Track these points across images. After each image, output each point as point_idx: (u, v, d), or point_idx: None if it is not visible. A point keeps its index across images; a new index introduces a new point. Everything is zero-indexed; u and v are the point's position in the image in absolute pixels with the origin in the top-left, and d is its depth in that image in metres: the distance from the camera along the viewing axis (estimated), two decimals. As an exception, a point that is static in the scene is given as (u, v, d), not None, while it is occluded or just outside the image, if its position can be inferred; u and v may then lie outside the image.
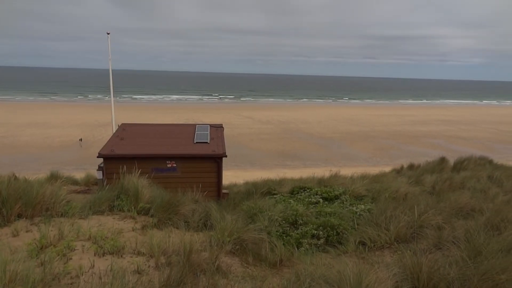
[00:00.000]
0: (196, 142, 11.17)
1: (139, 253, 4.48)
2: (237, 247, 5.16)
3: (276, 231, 6.20)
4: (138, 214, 6.06)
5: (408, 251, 4.46)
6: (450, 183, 9.81)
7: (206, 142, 11.15)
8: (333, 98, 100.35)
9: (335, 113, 58.30)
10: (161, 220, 5.85)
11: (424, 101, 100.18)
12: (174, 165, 10.45)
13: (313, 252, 5.59)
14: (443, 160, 14.95)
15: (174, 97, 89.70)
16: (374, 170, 17.12)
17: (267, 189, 10.05)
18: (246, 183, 13.34)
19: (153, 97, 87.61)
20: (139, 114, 47.08)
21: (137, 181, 6.58)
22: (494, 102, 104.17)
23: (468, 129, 43.89)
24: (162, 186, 7.27)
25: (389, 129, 41.65)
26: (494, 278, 2.83)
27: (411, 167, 15.72)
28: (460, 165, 13.83)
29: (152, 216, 6.01)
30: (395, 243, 5.55)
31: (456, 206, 6.75)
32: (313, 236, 6.13)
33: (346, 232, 6.13)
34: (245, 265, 4.84)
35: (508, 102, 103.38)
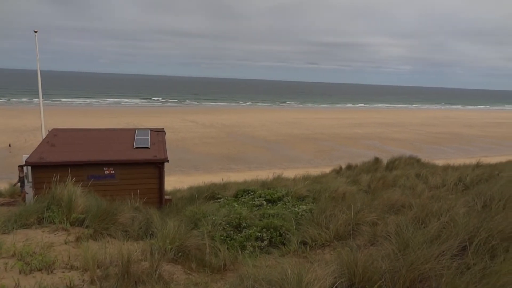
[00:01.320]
0: (136, 147, 10.74)
1: (72, 268, 4.19)
2: (180, 254, 5.05)
3: (220, 236, 6.16)
4: (71, 225, 5.66)
5: (346, 248, 4.68)
6: (384, 182, 10.50)
7: (147, 147, 10.78)
8: (277, 102, 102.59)
9: (278, 116, 59.64)
10: (98, 231, 5.53)
11: (361, 105, 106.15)
12: (112, 172, 9.95)
13: (257, 255, 5.64)
14: (377, 160, 15.98)
15: (113, 100, 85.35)
16: (315, 171, 17.76)
17: (211, 193, 9.97)
18: (190, 188, 13.11)
19: (89, 100, 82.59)
20: (73, 118, 44.24)
21: (70, 190, 6.16)
22: (422, 106, 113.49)
23: (399, 131, 47.27)
24: (99, 194, 6.87)
25: (330, 132, 43.51)
26: (419, 268, 3.06)
27: (349, 167, 16.55)
28: (392, 164, 14.87)
29: (87, 227, 5.65)
30: (334, 240, 5.78)
31: (389, 203, 7.21)
32: (257, 238, 6.18)
33: (288, 232, 6.27)
34: (188, 272, 4.74)
35: (434, 106, 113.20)
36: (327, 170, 18.16)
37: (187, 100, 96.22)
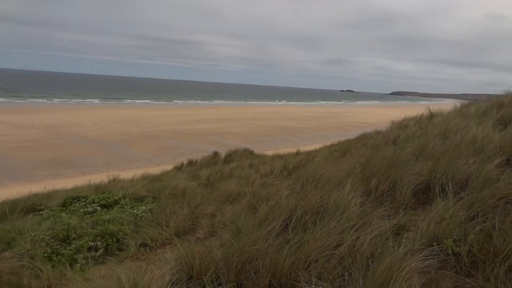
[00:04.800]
0: None
1: None
2: (-15, 285, 4.15)
3: (43, 253, 5.33)
4: None
5: (186, 243, 4.73)
6: (221, 174, 11.08)
7: None
8: (111, 99, 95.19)
9: (114, 114, 55.58)
10: None
11: (200, 102, 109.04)
12: None
13: (90, 267, 5.13)
14: (216, 154, 16.75)
15: None
16: (157, 169, 17.31)
17: (31, 205, 8.50)
18: (3, 203, 10.88)
19: None
20: None
21: None
22: (256, 102, 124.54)
23: (237, 125, 50.68)
24: None
25: (170, 129, 43.16)
26: (249, 250, 3.34)
27: (190, 163, 16.79)
28: (230, 157, 15.85)
29: None
30: (175, 237, 5.78)
31: (225, 193, 7.66)
32: (90, 248, 5.62)
33: (127, 237, 5.93)
34: (-1, 304, 3.94)
35: (265, 103, 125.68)
36: (169, 167, 17.99)
37: (-4, 97, 79.27)
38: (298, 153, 14.65)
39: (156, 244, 5.57)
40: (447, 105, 13.07)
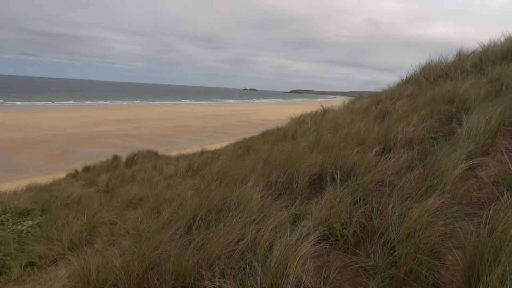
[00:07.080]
0: None
1: None
2: None
3: None
4: None
5: (81, 256, 4.34)
6: (122, 178, 10.44)
7: None
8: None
9: (-10, 118, 48.14)
10: None
11: (97, 102, 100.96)
12: None
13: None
14: (116, 157, 15.69)
15: None
16: (47, 178, 15.55)
17: None
18: None
19: None
20: None
21: None
22: (157, 102, 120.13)
23: (139, 126, 48.23)
24: None
25: (62, 133, 39.08)
26: (150, 255, 3.22)
27: (87, 169, 15.46)
28: (132, 160, 15.01)
29: None
30: (69, 252, 5.27)
31: (127, 198, 7.25)
32: (-41, 277, 4.78)
33: (8, 258, 5.20)
34: None
35: (167, 102, 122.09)
36: (62, 175, 16.30)
37: None
38: (203, 152, 14.60)
39: (46, 261, 5.01)
40: (338, 101, 14.40)
